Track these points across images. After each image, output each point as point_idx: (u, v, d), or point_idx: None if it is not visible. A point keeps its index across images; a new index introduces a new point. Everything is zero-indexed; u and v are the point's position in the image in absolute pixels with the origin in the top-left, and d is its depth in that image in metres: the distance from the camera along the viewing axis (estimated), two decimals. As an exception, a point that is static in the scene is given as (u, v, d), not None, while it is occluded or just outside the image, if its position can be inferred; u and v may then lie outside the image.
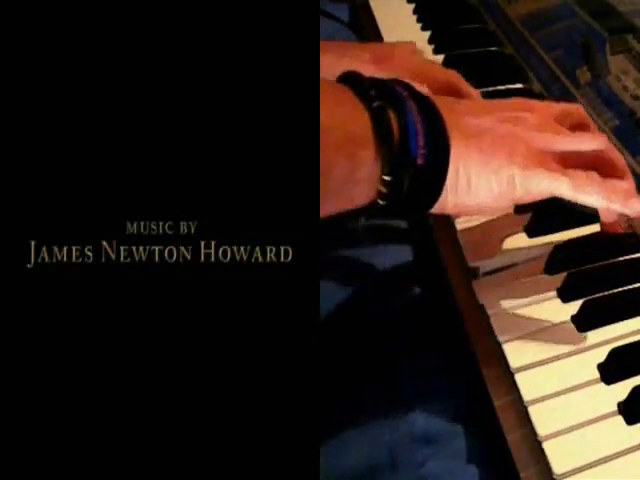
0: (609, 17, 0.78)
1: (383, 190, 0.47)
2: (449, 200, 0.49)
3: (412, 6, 0.93)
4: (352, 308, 0.63)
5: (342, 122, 0.45)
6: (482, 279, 0.57)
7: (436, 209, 0.49)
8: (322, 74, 0.51)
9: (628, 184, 0.54)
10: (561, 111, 0.55)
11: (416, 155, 0.46)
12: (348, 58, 0.64)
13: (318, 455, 0.42)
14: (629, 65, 0.70)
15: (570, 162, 0.52)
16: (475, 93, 0.64)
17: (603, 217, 0.56)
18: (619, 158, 0.55)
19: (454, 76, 0.64)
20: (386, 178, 0.46)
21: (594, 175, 0.52)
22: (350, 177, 0.45)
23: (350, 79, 0.48)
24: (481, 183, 0.49)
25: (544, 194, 0.51)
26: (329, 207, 0.45)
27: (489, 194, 0.49)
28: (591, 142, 0.53)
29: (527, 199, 0.51)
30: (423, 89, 0.52)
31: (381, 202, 0.47)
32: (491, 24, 0.89)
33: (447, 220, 0.62)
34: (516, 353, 0.52)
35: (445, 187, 0.48)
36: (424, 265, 0.65)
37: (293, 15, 0.43)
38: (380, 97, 0.46)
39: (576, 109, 0.57)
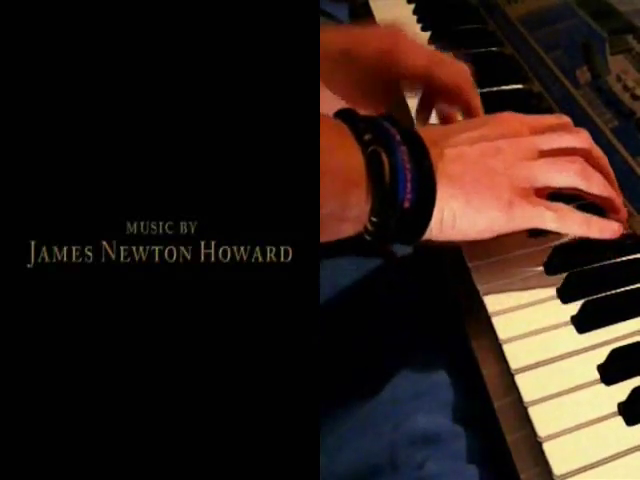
0: (609, 17, 0.78)
1: (370, 228, 0.50)
2: (434, 235, 0.52)
3: (412, 6, 0.93)
4: (352, 307, 0.63)
5: (339, 165, 0.47)
6: (482, 279, 0.57)
7: (422, 241, 0.52)
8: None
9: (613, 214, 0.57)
10: (546, 126, 0.58)
11: (403, 199, 0.49)
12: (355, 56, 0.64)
13: (318, 455, 0.42)
14: (629, 65, 0.70)
15: (549, 189, 0.55)
16: (476, 99, 0.64)
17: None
18: (600, 185, 0.56)
19: (461, 79, 0.64)
20: (374, 219, 0.49)
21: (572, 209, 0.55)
22: (340, 217, 0.48)
23: (346, 117, 0.50)
24: (465, 221, 0.52)
25: (528, 227, 0.54)
26: None
27: (473, 230, 0.53)
28: (567, 175, 0.55)
29: (512, 231, 0.54)
30: None
31: (367, 237, 0.50)
32: (491, 24, 0.89)
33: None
34: (516, 354, 0.52)
35: (430, 225, 0.51)
36: (422, 262, 0.65)
37: (293, 15, 0.43)
38: (374, 140, 0.49)
39: (559, 120, 0.59)
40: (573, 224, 0.54)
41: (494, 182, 0.52)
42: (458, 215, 0.51)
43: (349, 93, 0.63)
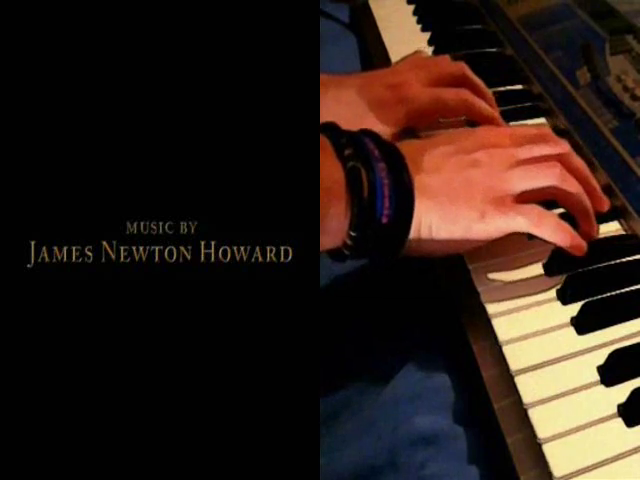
0: (609, 17, 0.78)
1: (349, 243, 0.50)
2: (412, 248, 0.53)
3: (412, 7, 0.93)
4: (352, 307, 0.63)
5: (320, 176, 0.47)
6: (482, 281, 0.57)
7: (400, 255, 0.53)
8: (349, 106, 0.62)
9: (585, 225, 0.58)
10: (526, 137, 0.58)
11: (381, 215, 0.50)
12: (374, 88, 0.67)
13: (318, 455, 0.42)
14: (629, 65, 0.70)
15: (533, 195, 0.55)
16: (481, 83, 0.68)
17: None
18: (578, 193, 0.57)
19: (459, 68, 0.68)
20: (352, 234, 0.50)
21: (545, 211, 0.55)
22: (320, 226, 0.47)
23: (329, 131, 0.51)
24: (442, 232, 0.53)
25: (504, 233, 0.54)
26: None
27: (450, 241, 0.53)
28: (544, 178, 0.56)
29: (491, 239, 0.54)
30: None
31: (345, 252, 0.51)
32: (491, 25, 0.89)
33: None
34: (516, 355, 0.52)
35: (408, 240, 0.52)
36: (423, 261, 0.65)
37: (293, 16, 0.43)
38: (354, 157, 0.50)
39: (540, 131, 0.60)
40: (547, 228, 0.54)
41: (469, 193, 0.53)
42: (435, 227, 0.52)
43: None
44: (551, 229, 0.55)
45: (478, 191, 0.53)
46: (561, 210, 0.58)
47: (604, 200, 0.60)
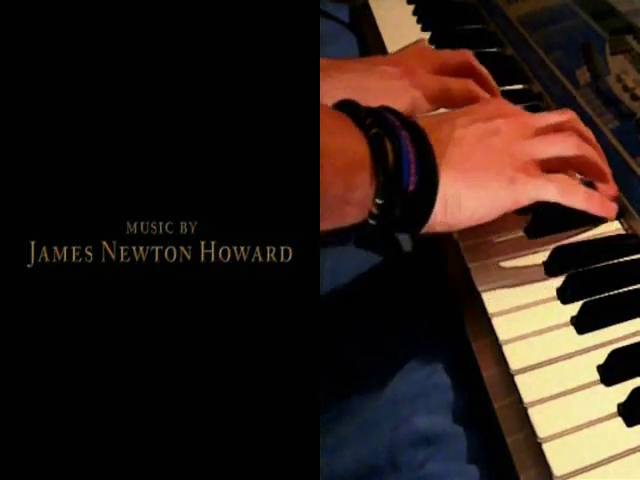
0: (609, 17, 0.78)
1: (375, 212, 0.50)
2: (438, 220, 0.52)
3: (412, 7, 0.93)
4: (352, 307, 0.63)
5: (342, 147, 0.48)
6: (482, 280, 0.57)
7: (426, 228, 0.52)
8: (351, 90, 0.58)
9: (606, 187, 0.59)
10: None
11: (408, 182, 0.49)
12: (377, 74, 0.66)
13: (318, 455, 0.42)
14: (629, 65, 0.70)
15: (550, 164, 0.56)
16: (486, 72, 0.68)
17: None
18: (595, 157, 0.59)
19: (464, 57, 0.69)
20: (378, 201, 0.49)
21: (575, 179, 0.57)
22: (344, 198, 0.48)
23: (347, 107, 0.51)
24: (469, 202, 0.52)
25: (532, 201, 0.54)
26: (321, 224, 0.46)
27: (478, 211, 0.53)
28: (564, 145, 0.57)
29: (517, 207, 0.54)
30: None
31: (372, 222, 0.50)
32: (491, 25, 0.89)
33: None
34: (516, 355, 0.52)
35: (434, 210, 0.51)
36: (423, 261, 0.65)
37: (293, 16, 0.43)
38: (376, 125, 0.49)
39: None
40: (576, 197, 0.55)
41: (495, 160, 0.53)
42: (463, 197, 0.52)
43: None
44: (582, 198, 0.55)
45: (503, 158, 0.53)
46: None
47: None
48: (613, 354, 0.51)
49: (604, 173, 0.59)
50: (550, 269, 0.57)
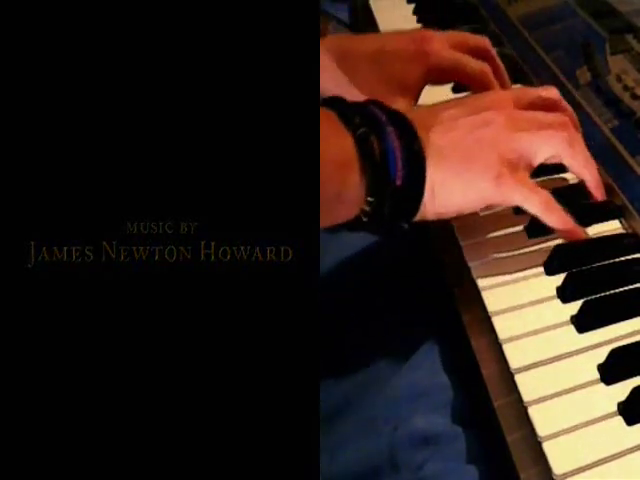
0: (609, 17, 0.78)
1: (366, 209, 0.51)
2: (428, 210, 0.53)
3: (412, 6, 0.93)
4: (352, 307, 0.63)
5: (331, 148, 0.49)
6: (482, 279, 0.57)
7: (416, 218, 0.53)
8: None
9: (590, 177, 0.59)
10: (535, 97, 0.60)
11: (395, 177, 0.50)
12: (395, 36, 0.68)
13: (318, 455, 0.42)
14: (629, 65, 0.70)
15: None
16: (501, 65, 0.69)
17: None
18: (585, 154, 0.59)
19: (484, 42, 0.69)
20: (369, 199, 0.50)
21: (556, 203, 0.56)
22: (337, 199, 0.49)
23: (334, 104, 0.52)
24: (455, 194, 0.53)
25: (514, 205, 0.56)
26: None
27: (464, 202, 0.54)
28: (554, 140, 0.57)
29: (501, 205, 0.57)
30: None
31: (364, 218, 0.52)
32: (491, 24, 0.89)
33: (447, 226, 0.62)
34: (516, 353, 0.52)
35: (423, 201, 0.52)
36: (422, 260, 0.65)
37: (293, 16, 0.43)
38: (362, 123, 0.50)
39: (547, 92, 0.61)
40: (553, 216, 0.55)
41: (483, 154, 0.54)
42: (448, 189, 0.53)
43: (377, 91, 0.64)
44: (558, 220, 0.55)
45: (491, 152, 0.54)
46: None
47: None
48: (613, 353, 0.51)
49: (596, 176, 0.59)
50: (550, 268, 0.57)
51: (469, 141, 0.54)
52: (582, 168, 0.58)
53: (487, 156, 0.53)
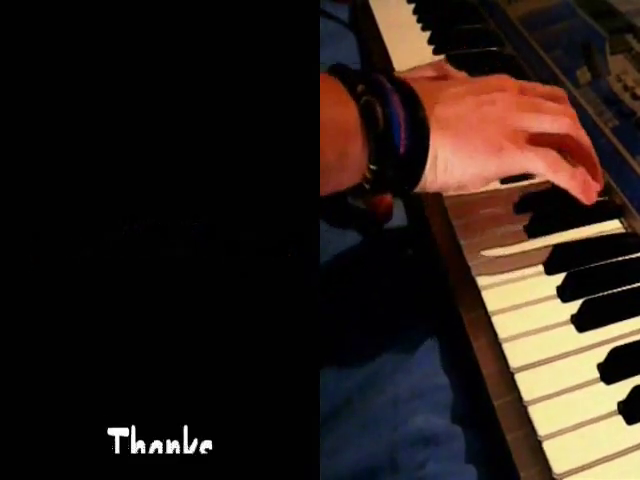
0: (609, 17, 0.78)
1: (368, 176, 0.51)
2: (429, 180, 0.53)
3: (412, 6, 0.93)
4: (352, 307, 0.63)
5: (334, 116, 0.49)
6: (482, 278, 0.57)
7: (418, 188, 0.54)
8: None
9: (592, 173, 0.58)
10: (542, 92, 0.59)
11: (398, 146, 0.50)
12: None
13: (318, 455, 0.42)
14: (629, 65, 0.70)
15: (541, 140, 0.56)
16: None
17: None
18: (585, 140, 0.58)
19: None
20: (372, 167, 0.50)
21: (561, 157, 0.55)
22: (339, 165, 0.49)
23: (339, 71, 0.52)
24: (457, 166, 0.53)
25: (519, 172, 0.55)
26: None
27: (465, 175, 0.54)
28: (558, 123, 0.57)
29: (504, 175, 0.56)
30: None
31: (366, 186, 0.52)
32: (491, 24, 0.89)
33: (447, 225, 0.62)
34: (516, 353, 0.52)
35: (425, 172, 0.52)
36: (422, 260, 0.65)
37: (293, 15, 0.43)
38: (367, 92, 0.50)
39: (554, 90, 0.61)
40: (561, 173, 0.55)
41: (485, 127, 0.54)
42: (450, 160, 0.53)
43: None
44: (567, 175, 0.55)
45: (494, 126, 0.54)
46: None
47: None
48: (613, 352, 0.51)
49: (592, 157, 0.59)
50: (550, 267, 0.57)
51: (474, 117, 0.54)
52: (590, 148, 0.58)
53: (490, 131, 0.54)
